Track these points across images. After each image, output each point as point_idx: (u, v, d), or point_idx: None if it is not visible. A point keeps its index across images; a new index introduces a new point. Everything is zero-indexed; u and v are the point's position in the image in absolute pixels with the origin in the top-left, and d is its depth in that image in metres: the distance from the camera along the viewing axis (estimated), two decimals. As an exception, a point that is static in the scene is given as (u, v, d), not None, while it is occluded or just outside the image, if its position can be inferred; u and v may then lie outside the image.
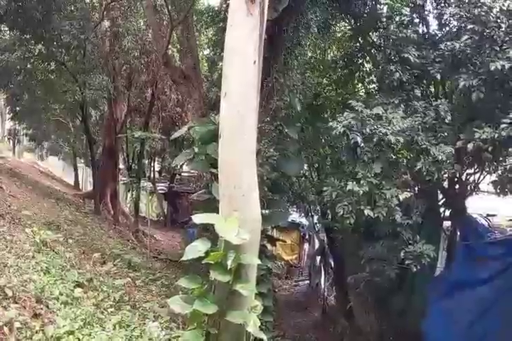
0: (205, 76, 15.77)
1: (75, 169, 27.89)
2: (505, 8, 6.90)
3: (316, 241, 14.91)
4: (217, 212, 5.30)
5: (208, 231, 6.41)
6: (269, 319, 7.70)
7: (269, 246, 9.08)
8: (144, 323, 6.94)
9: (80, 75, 15.17)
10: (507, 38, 7.06)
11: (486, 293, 7.98)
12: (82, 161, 28.88)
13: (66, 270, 7.54)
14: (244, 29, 5.36)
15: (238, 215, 5.04)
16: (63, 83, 17.28)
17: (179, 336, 6.24)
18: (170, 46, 15.00)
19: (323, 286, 13.94)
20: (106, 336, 5.82)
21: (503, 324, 7.59)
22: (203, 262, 4.89)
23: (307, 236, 17.07)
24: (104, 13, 15.53)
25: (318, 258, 14.52)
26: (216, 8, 13.81)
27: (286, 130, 9.33)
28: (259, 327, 6.89)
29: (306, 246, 17.31)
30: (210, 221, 5.06)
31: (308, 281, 15.97)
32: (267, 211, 8.38)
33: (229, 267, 4.75)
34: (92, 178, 20.36)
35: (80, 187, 27.21)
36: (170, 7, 11.69)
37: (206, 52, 18.50)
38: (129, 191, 22.34)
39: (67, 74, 15.94)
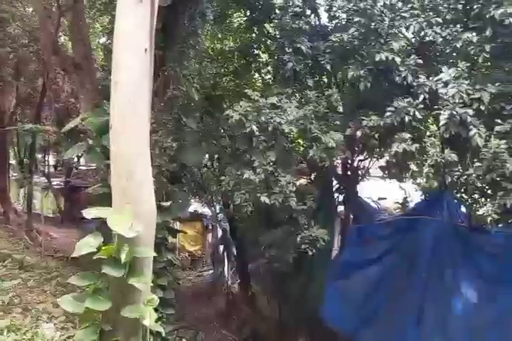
0: (101, 65, 15.25)
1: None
2: (388, 3, 7.23)
3: (219, 230, 15.02)
4: (113, 206, 5.18)
5: (106, 226, 6.27)
6: (171, 311, 7.66)
7: (170, 238, 8.99)
8: (37, 325, 6.67)
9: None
10: (390, 31, 7.43)
11: (375, 272, 8.41)
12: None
13: None
14: (134, 16, 5.23)
15: (132, 208, 4.92)
16: None
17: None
18: (61, 34, 14.32)
19: (226, 275, 14.09)
20: (-8, 342, 5.54)
21: (390, 299, 8.00)
22: (95, 257, 4.75)
23: (210, 227, 17.12)
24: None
25: (221, 247, 14.64)
26: (110, -5, 13.37)
27: (184, 120, 9.28)
28: (161, 319, 6.87)
29: (209, 236, 17.37)
30: (102, 215, 4.89)
31: (212, 271, 16.05)
32: (166, 203, 8.34)
33: (123, 261, 4.62)
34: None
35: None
36: (58, -9, 11.14)
37: (102, 40, 17.87)
38: (21, 187, 21.16)
39: None
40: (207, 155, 11.99)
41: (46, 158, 25.19)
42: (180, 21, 8.94)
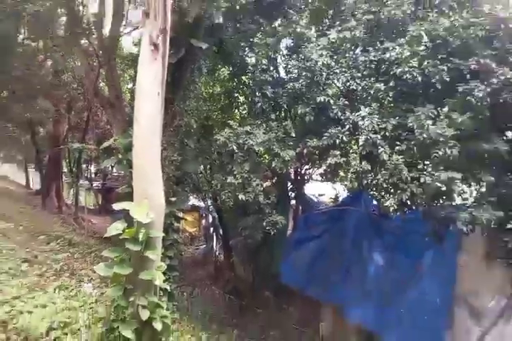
0: (128, 103, 14.99)
1: (26, 172, 25.20)
2: (325, 63, 7.28)
3: (210, 217, 14.84)
4: (135, 201, 5.08)
5: (130, 215, 6.14)
6: (176, 274, 7.51)
7: (175, 223, 8.82)
8: (80, 285, 6.49)
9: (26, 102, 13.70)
10: (326, 82, 7.50)
11: (315, 247, 8.45)
12: (33, 167, 26.05)
13: (15, 250, 6.78)
14: (150, 70, 5.24)
15: (147, 202, 4.87)
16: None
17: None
18: (100, 81, 14.08)
19: (215, 248, 13.91)
20: (47, 297, 5.35)
21: (325, 265, 8.07)
22: (121, 237, 4.66)
23: (204, 215, 16.87)
24: (47, 54, 14.10)
25: (212, 229, 14.47)
26: (135, 54, 13.23)
27: (186, 141, 9.22)
28: (168, 280, 6.71)
29: (203, 221, 17.10)
30: (126, 207, 4.81)
31: (205, 246, 15.81)
32: (173, 198, 8.25)
33: (140, 239, 4.57)
34: (40, 179, 18.53)
35: (31, 187, 24.55)
36: (97, 52, 11.00)
37: (129, 86, 17.62)
38: (71, 188, 20.64)
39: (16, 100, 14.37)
40: (202, 166, 11.87)
41: (89, 168, 24.75)
42: (183, 73, 8.85)
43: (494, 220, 5.35)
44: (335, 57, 7.46)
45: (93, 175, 26.22)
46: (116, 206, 4.95)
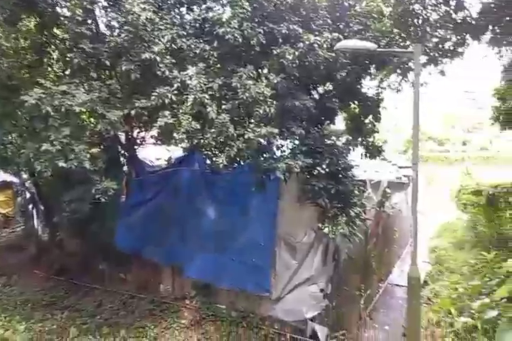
0: None
1: None
2: (149, 17, 6.78)
3: (28, 194, 12.79)
4: None
5: None
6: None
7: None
8: None
9: None
10: (151, 38, 7.07)
11: (150, 208, 8.31)
12: None
13: None
14: None
15: None
16: None
17: None
18: None
19: (36, 228, 12.11)
20: None
21: (161, 225, 8.03)
22: None
23: (20, 192, 14.38)
24: None
25: (30, 206, 12.53)
26: None
27: (-22, 104, 7.49)
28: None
29: (19, 199, 14.57)
30: None
31: (24, 227, 13.62)
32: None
33: None
34: None
35: None
36: None
37: None
38: None
39: None
40: (9, 134, 9.92)
41: None
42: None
43: (305, 168, 6.21)
44: (159, 13, 7.07)
45: None
46: None
